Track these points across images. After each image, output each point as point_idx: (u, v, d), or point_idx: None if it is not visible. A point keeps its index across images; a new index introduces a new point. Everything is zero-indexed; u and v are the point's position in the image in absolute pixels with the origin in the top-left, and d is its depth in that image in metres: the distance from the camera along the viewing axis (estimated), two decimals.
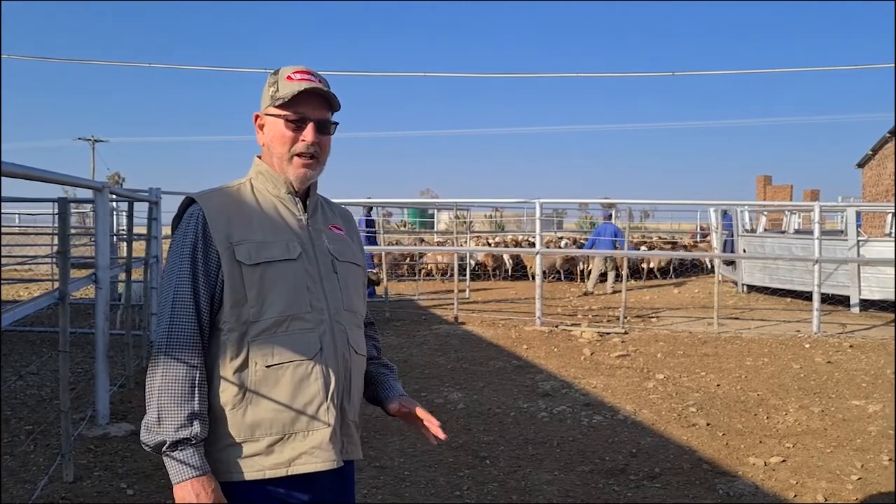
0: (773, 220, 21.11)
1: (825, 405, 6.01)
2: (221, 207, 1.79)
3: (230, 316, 1.73)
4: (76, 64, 27.82)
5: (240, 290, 1.73)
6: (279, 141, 1.83)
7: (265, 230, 1.79)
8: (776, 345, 8.71)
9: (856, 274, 11.32)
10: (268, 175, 1.88)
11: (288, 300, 1.76)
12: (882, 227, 16.29)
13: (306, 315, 1.78)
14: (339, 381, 1.81)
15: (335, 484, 1.85)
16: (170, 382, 1.67)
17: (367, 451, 4.73)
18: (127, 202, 7.46)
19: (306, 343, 1.76)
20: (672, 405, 6.05)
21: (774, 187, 28.58)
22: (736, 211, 14.72)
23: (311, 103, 1.83)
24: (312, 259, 1.84)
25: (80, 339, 7.91)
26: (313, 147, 1.83)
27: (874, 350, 8.35)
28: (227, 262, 1.73)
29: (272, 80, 1.86)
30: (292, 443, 1.74)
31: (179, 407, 1.66)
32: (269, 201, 1.85)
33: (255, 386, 1.72)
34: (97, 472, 4.45)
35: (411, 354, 8.17)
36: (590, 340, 8.98)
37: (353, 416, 1.88)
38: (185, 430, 1.64)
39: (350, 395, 1.85)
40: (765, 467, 4.63)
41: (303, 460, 1.74)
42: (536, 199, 10.84)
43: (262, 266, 1.75)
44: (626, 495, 4.20)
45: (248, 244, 1.76)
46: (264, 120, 1.88)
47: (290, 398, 1.74)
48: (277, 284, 1.75)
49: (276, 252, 1.77)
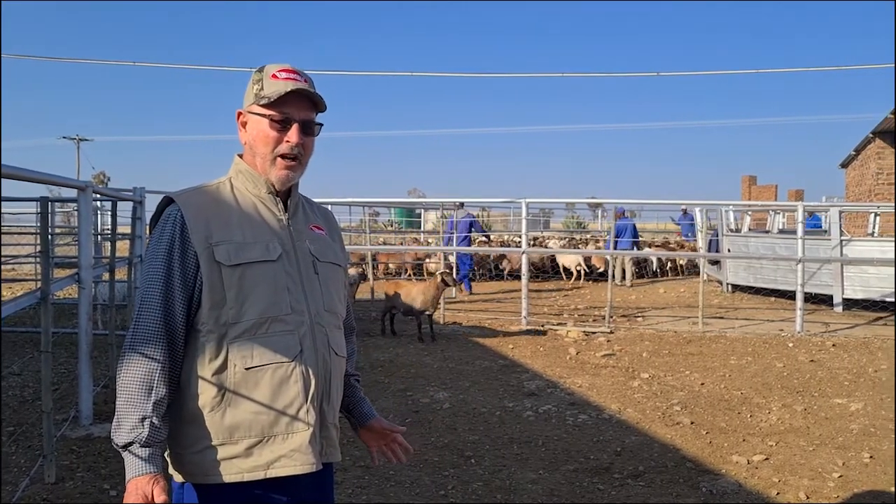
0: (757, 219, 21.25)
1: (808, 403, 6.06)
2: (200, 207, 1.77)
3: (209, 317, 1.72)
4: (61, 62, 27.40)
5: (219, 291, 1.71)
6: (263, 141, 1.81)
7: (245, 230, 1.77)
8: (760, 344, 8.76)
9: (839, 273, 11.41)
10: (248, 174, 1.85)
11: (268, 301, 1.74)
12: (865, 227, 16.42)
13: (286, 317, 1.76)
14: (319, 384, 1.80)
15: (314, 486, 1.84)
16: (127, 384, 1.67)
17: (352, 450, 4.72)
18: (111, 201, 7.41)
19: (286, 345, 1.75)
20: (657, 404, 6.08)
21: (759, 187, 28.74)
22: (721, 210, 14.80)
23: (296, 104, 1.80)
24: (293, 260, 1.82)
25: (63, 340, 7.85)
26: (297, 148, 1.81)
27: (857, 349, 8.43)
28: (206, 263, 1.72)
29: (257, 77, 1.83)
30: (271, 445, 1.73)
31: (133, 408, 1.66)
32: (250, 201, 1.83)
33: (234, 388, 1.71)
34: (80, 472, 4.42)
35: (397, 354, 8.16)
36: (575, 340, 9.01)
37: (333, 418, 1.87)
38: (134, 431, 1.64)
39: (330, 398, 1.84)
40: (748, 465, 4.67)
41: (281, 463, 1.73)
42: (523, 199, 10.86)
43: (241, 267, 1.73)
44: (611, 494, 4.22)
45: (228, 245, 1.73)
46: (247, 118, 1.85)
47: (270, 400, 1.72)
48: (257, 285, 1.74)
49: (256, 253, 1.76)
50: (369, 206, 19.37)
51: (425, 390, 6.51)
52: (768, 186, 28.45)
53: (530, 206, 12.12)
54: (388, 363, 7.63)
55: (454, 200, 14.32)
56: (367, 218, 19.15)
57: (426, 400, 6.18)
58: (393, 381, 6.86)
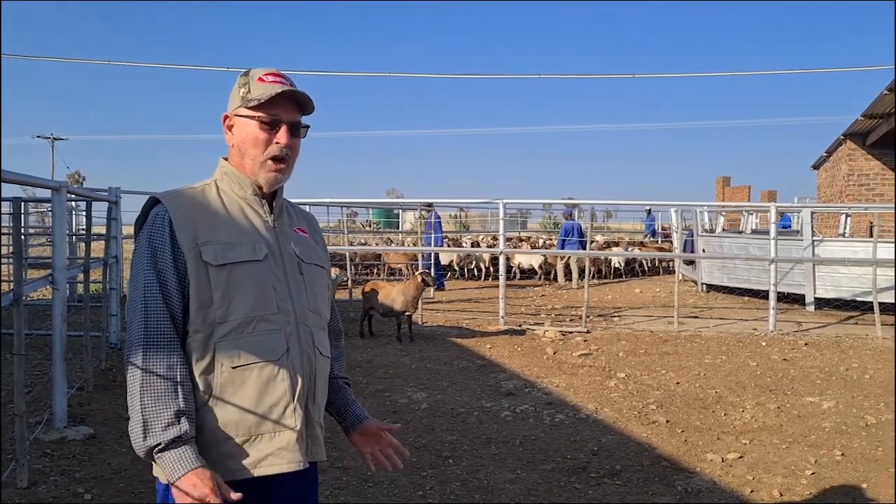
0: (731, 220, 21.49)
1: (781, 402, 6.15)
2: (187, 208, 1.78)
3: (196, 317, 1.72)
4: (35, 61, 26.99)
5: (206, 291, 1.72)
6: (252, 143, 1.82)
7: (231, 231, 1.79)
8: (734, 343, 8.87)
9: (811, 273, 11.58)
10: (233, 176, 1.87)
11: (254, 301, 1.75)
12: (836, 228, 16.67)
13: (273, 316, 1.77)
14: (305, 383, 1.81)
15: (299, 485, 1.86)
16: (151, 383, 1.65)
17: (331, 451, 4.72)
18: (85, 202, 7.33)
19: (273, 344, 1.76)
20: (633, 403, 6.14)
21: (733, 188, 29.00)
22: (696, 211, 14.96)
23: (284, 105, 1.83)
24: (279, 260, 1.84)
25: (37, 341, 7.75)
26: (286, 150, 1.83)
27: (828, 347, 8.56)
28: (193, 263, 1.72)
29: (243, 81, 1.85)
30: (259, 444, 1.74)
31: (165, 406, 1.63)
32: (235, 203, 1.85)
33: (221, 388, 1.72)
34: (53, 476, 4.37)
35: (375, 354, 8.15)
36: (552, 340, 9.06)
37: (318, 417, 1.89)
38: (174, 428, 1.62)
39: (315, 397, 1.86)
40: (722, 463, 4.73)
41: (269, 461, 1.74)
42: (500, 200, 10.89)
43: (228, 267, 1.74)
44: (588, 493, 4.26)
45: (215, 245, 1.75)
46: (234, 121, 1.86)
47: (257, 400, 1.73)
48: (244, 285, 1.75)
49: (243, 253, 1.77)
50: (347, 207, 19.33)
51: (403, 391, 6.51)
52: (742, 187, 28.72)
53: (508, 207, 12.16)
54: (367, 364, 7.62)
55: (422, 201, 14.42)
56: (345, 218, 19.12)
57: (404, 400, 6.19)
58: (371, 381, 6.85)
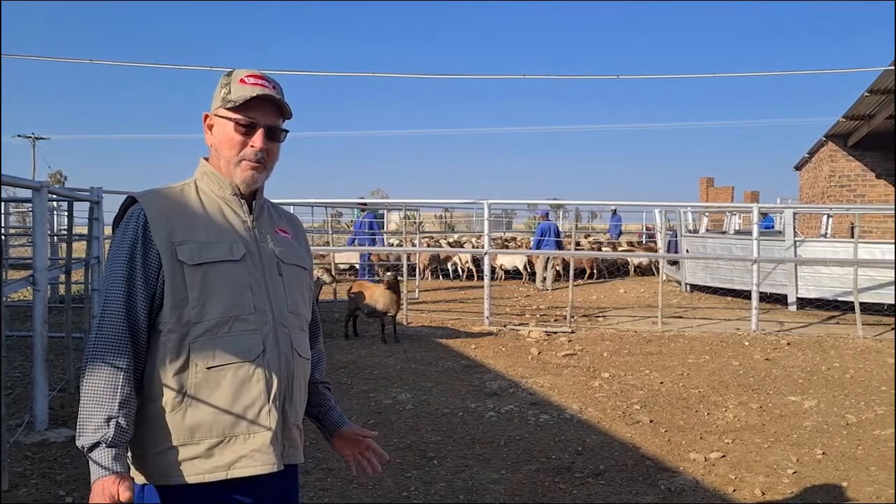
0: (715, 220, 21.62)
1: (763, 401, 6.20)
2: (164, 207, 1.77)
3: (170, 317, 1.71)
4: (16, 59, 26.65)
5: (181, 290, 1.71)
6: (228, 144, 1.82)
7: (209, 231, 1.78)
8: (717, 343, 8.93)
9: (793, 273, 11.69)
10: (213, 176, 1.86)
11: (230, 301, 1.74)
12: (818, 228, 16.82)
13: (249, 316, 1.76)
14: (282, 384, 1.80)
15: (277, 488, 1.84)
16: (91, 385, 1.66)
17: (315, 453, 4.71)
18: (67, 201, 7.27)
19: (248, 345, 1.75)
20: (617, 403, 6.16)
21: (717, 189, 29.21)
22: (679, 212, 15.05)
23: (262, 109, 1.82)
24: (257, 261, 1.82)
25: (17, 343, 7.67)
26: (261, 153, 1.83)
27: (810, 347, 8.64)
28: (168, 263, 1.71)
29: (225, 81, 1.84)
30: (233, 446, 1.72)
31: (98, 408, 1.64)
32: (214, 203, 1.84)
33: (196, 388, 1.71)
34: (34, 479, 4.33)
35: (360, 355, 8.14)
36: (537, 340, 9.08)
37: (296, 419, 1.87)
38: (99, 431, 1.63)
39: (293, 399, 1.85)
40: (705, 462, 4.76)
41: (243, 463, 1.73)
42: (485, 200, 10.91)
43: (204, 266, 1.73)
44: (572, 493, 4.27)
45: (191, 244, 1.74)
46: (214, 121, 1.86)
47: (231, 400, 1.72)
48: (220, 285, 1.74)
49: (220, 253, 1.76)
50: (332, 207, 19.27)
51: (388, 391, 6.50)
52: (725, 188, 28.94)
53: (492, 207, 12.18)
54: (351, 364, 7.61)
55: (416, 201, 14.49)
56: (329, 219, 19.05)
57: (389, 401, 6.18)
58: (356, 382, 6.84)
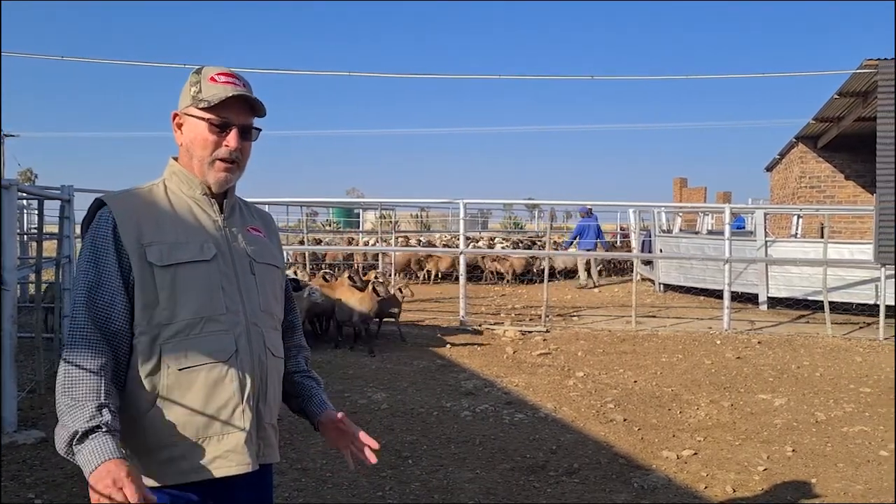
0: (688, 220, 21.83)
1: (734, 399, 6.27)
2: (132, 209, 1.75)
3: (141, 319, 1.69)
4: None
5: (151, 292, 1.69)
6: (201, 144, 1.79)
7: (178, 231, 1.76)
8: (690, 342, 9.02)
9: (764, 273, 11.84)
10: (182, 176, 1.84)
11: (201, 301, 1.72)
12: (788, 229, 17.06)
13: (221, 316, 1.75)
14: (256, 384, 1.78)
15: (251, 488, 1.83)
16: (71, 385, 1.60)
17: (289, 452, 4.68)
18: (37, 200, 7.15)
19: (221, 345, 1.73)
20: (591, 402, 6.20)
21: (690, 189, 29.47)
22: (653, 212, 15.19)
23: (235, 108, 1.80)
24: (228, 260, 1.81)
25: None
26: (235, 153, 1.80)
27: (780, 346, 8.76)
28: (138, 264, 1.69)
29: (194, 79, 1.81)
30: (207, 446, 1.71)
31: (86, 401, 1.58)
32: (184, 202, 1.82)
33: (168, 390, 1.69)
34: (3, 482, 4.25)
35: (335, 355, 8.10)
36: (512, 339, 9.10)
37: (270, 418, 1.86)
38: (95, 419, 1.56)
39: (266, 398, 1.83)
40: (677, 460, 4.80)
41: (217, 464, 1.71)
42: (461, 200, 10.93)
43: (174, 267, 1.71)
44: (546, 491, 4.29)
45: (160, 245, 1.72)
46: (184, 120, 1.82)
47: (204, 401, 1.70)
48: (190, 286, 1.72)
49: (190, 253, 1.74)
50: (307, 206, 19.20)
51: (363, 391, 6.48)
52: (698, 189, 29.21)
53: (468, 207, 12.19)
54: (326, 364, 7.57)
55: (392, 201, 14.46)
56: (304, 218, 18.98)
57: (364, 401, 6.16)
58: (331, 381, 6.81)
